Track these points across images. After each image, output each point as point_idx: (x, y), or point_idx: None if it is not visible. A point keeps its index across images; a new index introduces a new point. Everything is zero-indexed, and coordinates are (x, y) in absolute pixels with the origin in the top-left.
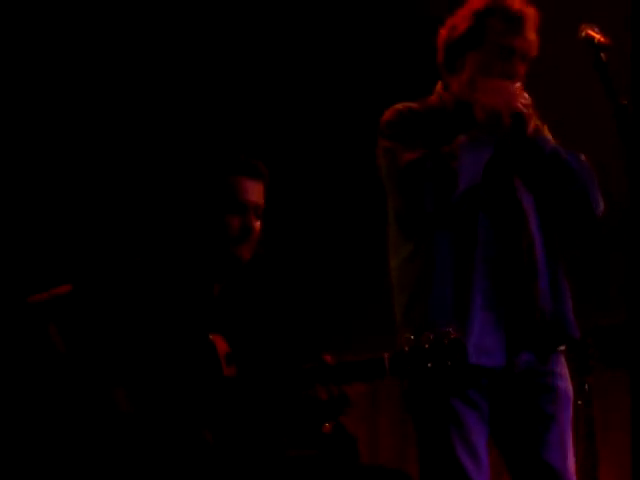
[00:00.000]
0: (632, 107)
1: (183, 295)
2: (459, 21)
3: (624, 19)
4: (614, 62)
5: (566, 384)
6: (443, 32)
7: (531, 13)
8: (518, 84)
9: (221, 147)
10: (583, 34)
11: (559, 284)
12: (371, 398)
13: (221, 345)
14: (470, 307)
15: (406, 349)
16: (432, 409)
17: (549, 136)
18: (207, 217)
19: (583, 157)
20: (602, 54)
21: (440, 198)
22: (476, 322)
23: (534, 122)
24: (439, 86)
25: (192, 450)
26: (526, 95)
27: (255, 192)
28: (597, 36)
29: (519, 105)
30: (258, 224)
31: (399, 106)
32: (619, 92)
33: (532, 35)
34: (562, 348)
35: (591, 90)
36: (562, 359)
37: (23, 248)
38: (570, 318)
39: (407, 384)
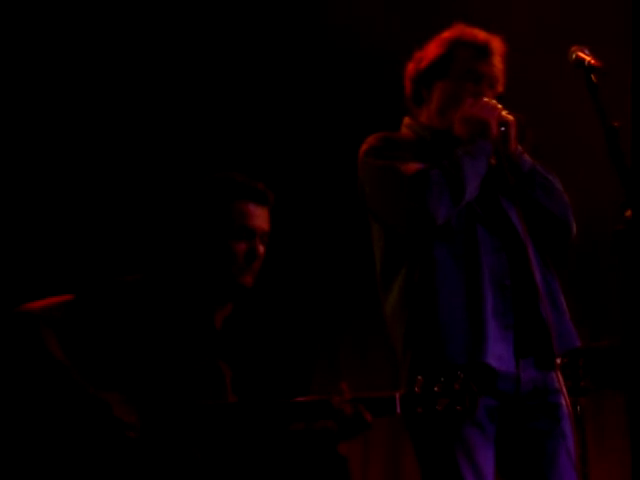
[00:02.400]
0: (632, 116)
1: (184, 319)
2: (427, 53)
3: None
4: (612, 80)
5: (566, 401)
6: (411, 65)
7: (497, 43)
8: (494, 100)
9: (229, 171)
10: (574, 56)
11: (556, 295)
12: None
13: (227, 372)
14: (484, 317)
15: (417, 390)
16: (436, 428)
17: (527, 155)
18: (213, 242)
19: (558, 180)
20: (593, 76)
21: (448, 208)
22: (490, 330)
23: (514, 138)
24: (407, 120)
25: (181, 466)
26: (505, 110)
27: (262, 218)
28: (588, 58)
29: (504, 115)
30: (262, 250)
31: (379, 134)
32: (610, 114)
33: (499, 64)
34: (559, 362)
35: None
36: (560, 376)
37: (30, 256)
38: (570, 327)
39: None
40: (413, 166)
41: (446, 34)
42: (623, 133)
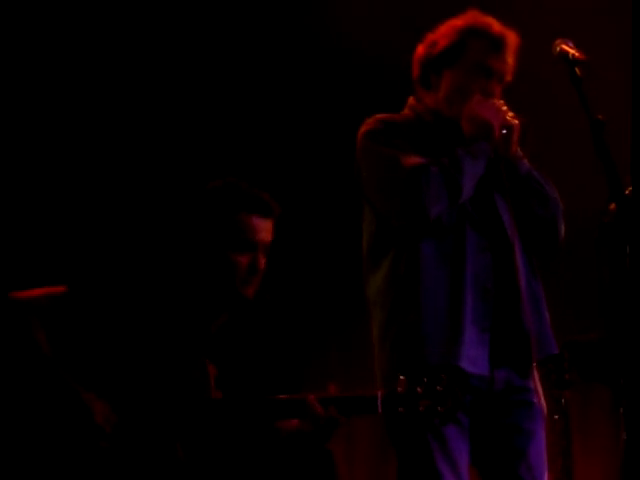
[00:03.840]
0: (632, 116)
1: (178, 321)
2: (439, 38)
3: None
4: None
5: (540, 400)
6: (421, 48)
7: (513, 38)
8: (502, 101)
9: (233, 179)
10: (557, 49)
11: (539, 300)
12: None
13: (212, 369)
14: (462, 320)
15: (399, 390)
16: (412, 424)
17: (525, 159)
18: (216, 253)
19: (554, 188)
20: (577, 69)
21: (443, 206)
22: (467, 332)
23: (516, 142)
24: (412, 100)
25: (163, 463)
26: (512, 112)
27: (265, 230)
28: (571, 51)
29: (508, 118)
30: (264, 262)
31: (380, 116)
32: (594, 107)
33: (511, 59)
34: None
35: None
36: (535, 375)
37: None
38: (549, 333)
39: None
40: (413, 159)
41: (460, 21)
42: (608, 126)
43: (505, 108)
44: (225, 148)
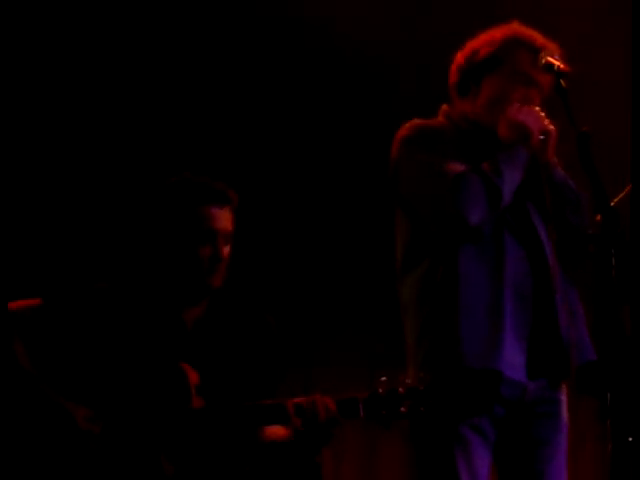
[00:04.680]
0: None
1: (153, 322)
2: (481, 46)
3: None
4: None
5: (566, 413)
6: (461, 55)
7: (555, 49)
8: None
9: (188, 177)
10: (543, 61)
11: (574, 307)
12: None
13: (192, 375)
14: (503, 326)
15: (381, 392)
16: (438, 430)
17: (560, 169)
18: (177, 247)
19: (587, 196)
20: (562, 81)
21: (486, 214)
22: (508, 340)
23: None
24: (446, 107)
25: (147, 470)
26: (549, 119)
27: (223, 219)
28: (557, 63)
29: (547, 125)
30: (227, 250)
31: (418, 122)
32: (579, 119)
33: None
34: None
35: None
36: (564, 386)
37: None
38: (587, 340)
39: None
40: (454, 166)
41: (503, 30)
42: (594, 138)
43: (543, 114)
44: (221, 149)
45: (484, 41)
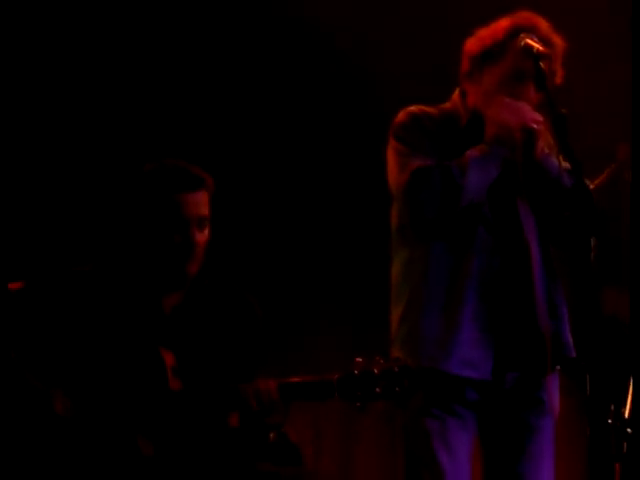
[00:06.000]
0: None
1: (132, 307)
2: (487, 34)
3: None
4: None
5: (554, 399)
6: (470, 42)
7: (559, 44)
8: (529, 104)
9: (161, 163)
10: (522, 43)
11: (557, 304)
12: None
13: (169, 359)
14: (459, 319)
15: (356, 373)
16: (416, 416)
17: (558, 159)
18: (151, 235)
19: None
20: (541, 63)
21: (442, 209)
22: (464, 335)
23: (544, 143)
24: (456, 94)
25: (127, 459)
26: (538, 115)
27: (195, 204)
28: (536, 45)
29: (530, 122)
30: (203, 236)
31: (414, 109)
32: (558, 101)
33: (554, 65)
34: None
35: None
36: (552, 375)
37: None
38: (567, 339)
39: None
40: (420, 161)
41: (509, 19)
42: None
43: (531, 110)
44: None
45: (489, 30)
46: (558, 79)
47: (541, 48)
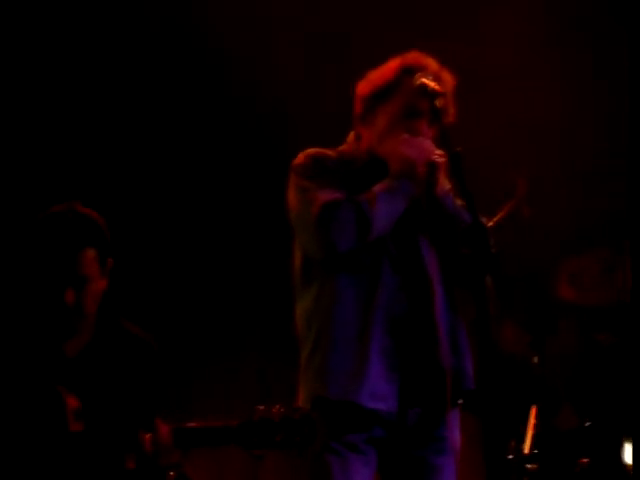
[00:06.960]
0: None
1: (31, 353)
2: (378, 76)
3: None
4: None
5: (455, 435)
6: (361, 85)
7: (450, 81)
8: (430, 140)
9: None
10: (417, 82)
11: (459, 339)
12: None
13: (72, 401)
14: (368, 353)
15: (255, 419)
16: (318, 452)
17: (455, 198)
18: (41, 290)
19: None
20: (436, 101)
21: (354, 242)
22: (373, 368)
23: (444, 178)
24: (351, 136)
25: None
26: (439, 151)
27: (85, 263)
28: (431, 84)
29: (433, 156)
30: (95, 287)
31: (312, 151)
32: (452, 140)
33: (447, 103)
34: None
35: None
36: (453, 410)
37: None
38: (468, 372)
39: None
40: (329, 195)
41: (399, 60)
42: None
43: (430, 146)
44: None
45: (380, 71)
46: (451, 117)
47: (436, 87)
